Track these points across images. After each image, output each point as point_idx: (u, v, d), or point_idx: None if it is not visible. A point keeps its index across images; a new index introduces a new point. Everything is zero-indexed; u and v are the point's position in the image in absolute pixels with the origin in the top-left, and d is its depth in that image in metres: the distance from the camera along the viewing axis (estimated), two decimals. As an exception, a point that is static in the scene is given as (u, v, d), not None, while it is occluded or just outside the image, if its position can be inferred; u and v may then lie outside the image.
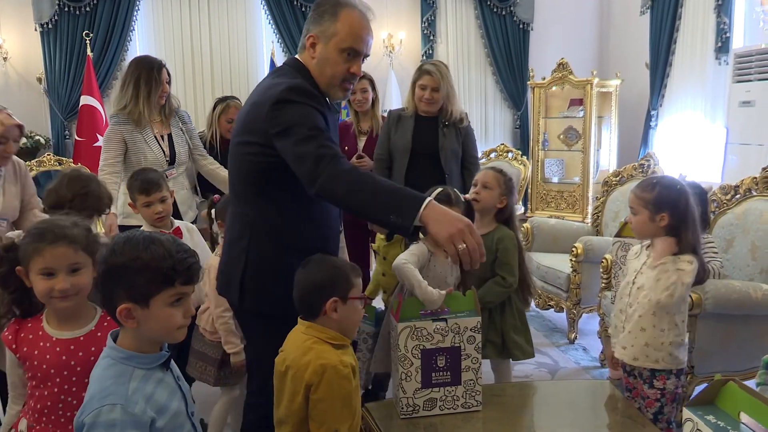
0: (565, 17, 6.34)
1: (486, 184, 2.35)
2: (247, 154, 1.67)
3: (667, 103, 5.39)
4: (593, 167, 5.63)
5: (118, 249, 1.20)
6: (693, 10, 5.01)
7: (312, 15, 1.73)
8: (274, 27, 5.84)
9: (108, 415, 1.12)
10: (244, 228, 1.74)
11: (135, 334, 1.22)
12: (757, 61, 4.12)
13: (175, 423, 1.22)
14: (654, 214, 1.96)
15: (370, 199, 1.51)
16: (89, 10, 5.51)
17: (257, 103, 1.68)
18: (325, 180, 1.51)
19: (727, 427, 1.10)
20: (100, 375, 1.20)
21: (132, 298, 1.18)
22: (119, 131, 3.01)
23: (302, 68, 1.74)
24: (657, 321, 1.94)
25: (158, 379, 1.22)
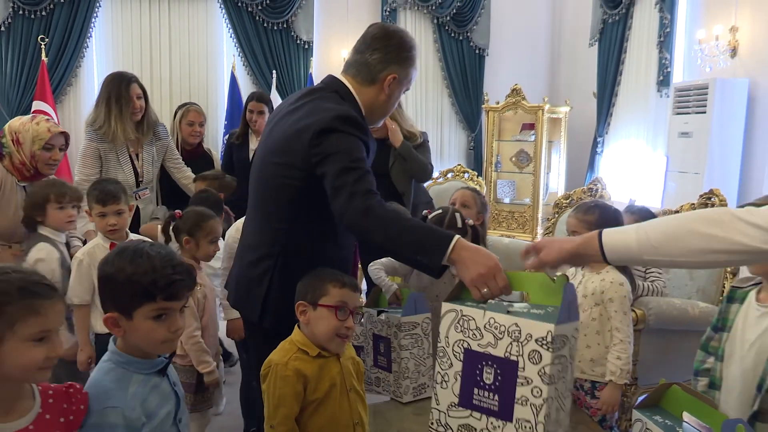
0: (519, 45, 6.61)
1: (465, 202, 2.48)
2: (285, 176, 1.68)
3: (613, 131, 5.69)
4: (543, 189, 5.86)
5: (110, 259, 1.23)
6: (637, 44, 5.33)
7: (397, 54, 1.73)
8: (236, 40, 5.87)
9: (108, 417, 1.15)
10: (273, 247, 1.70)
11: (127, 341, 1.24)
12: (695, 96, 4.42)
13: (161, 429, 1.24)
14: None
15: (396, 238, 1.50)
16: (45, 14, 5.40)
17: (301, 127, 1.66)
18: (355, 216, 1.52)
19: (673, 425, 1.23)
20: (102, 378, 1.22)
21: (117, 308, 1.21)
22: (95, 147, 3.00)
23: (348, 93, 1.74)
24: (600, 338, 2.09)
25: (154, 385, 1.25)
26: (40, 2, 5.35)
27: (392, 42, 1.74)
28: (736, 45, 4.34)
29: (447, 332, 1.35)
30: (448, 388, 1.35)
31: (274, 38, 5.93)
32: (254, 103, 3.82)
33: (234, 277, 1.86)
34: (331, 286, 1.53)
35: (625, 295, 2.07)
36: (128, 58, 5.72)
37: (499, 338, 1.27)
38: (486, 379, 1.29)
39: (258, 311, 1.71)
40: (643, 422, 1.28)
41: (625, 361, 2.03)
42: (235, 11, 5.81)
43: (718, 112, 4.27)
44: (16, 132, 2.47)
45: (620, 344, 2.04)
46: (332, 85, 1.77)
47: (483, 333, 1.30)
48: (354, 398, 1.56)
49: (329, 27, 6.16)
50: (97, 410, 1.16)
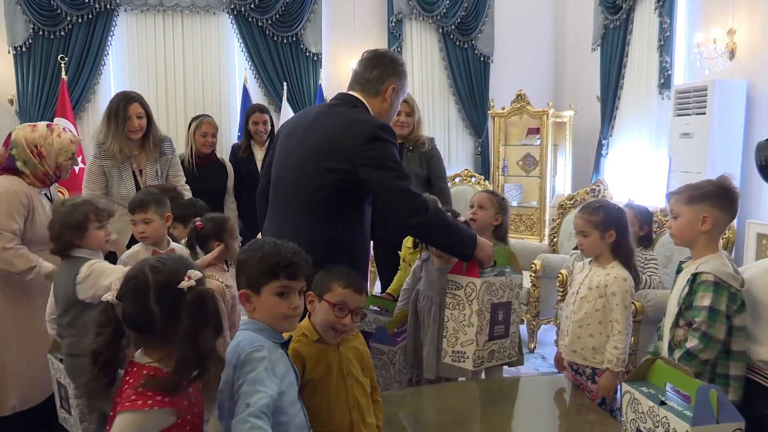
0: (522, 52, 6.75)
1: (482, 204, 2.61)
2: (331, 179, 1.94)
3: (617, 133, 5.80)
4: (549, 192, 5.98)
5: (246, 248, 1.54)
6: (638, 48, 5.45)
7: (392, 68, 2.09)
8: (247, 55, 6.05)
9: (259, 352, 1.38)
10: (316, 243, 1.86)
11: (257, 316, 1.48)
12: (695, 97, 4.53)
13: (291, 396, 1.45)
14: (603, 233, 2.24)
15: (448, 234, 2.01)
16: (64, 34, 5.62)
17: (344, 134, 1.94)
18: (425, 216, 1.91)
19: (657, 394, 1.35)
20: (244, 336, 1.45)
21: (249, 285, 1.48)
22: (100, 164, 3.09)
23: (364, 106, 2.06)
24: (602, 328, 2.21)
25: (280, 355, 1.47)
26: (59, 23, 5.57)
27: (385, 60, 2.11)
28: (734, 47, 4.45)
29: (482, 296, 1.80)
30: (483, 334, 1.85)
31: (284, 51, 6.11)
32: (258, 114, 4.11)
33: None
34: (336, 284, 1.69)
35: (627, 290, 2.20)
36: (144, 73, 5.93)
37: (504, 291, 1.65)
38: (500, 317, 1.65)
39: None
40: (632, 393, 1.41)
41: (621, 351, 2.15)
42: (246, 26, 6.00)
43: (718, 112, 4.37)
44: (36, 145, 2.48)
45: (618, 335, 2.17)
46: (349, 99, 2.06)
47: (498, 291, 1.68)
48: (351, 383, 1.69)
49: (337, 39, 6.34)
50: (248, 351, 1.37)
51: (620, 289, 2.18)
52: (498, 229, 2.64)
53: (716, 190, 1.90)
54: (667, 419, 1.28)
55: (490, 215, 2.61)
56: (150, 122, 3.20)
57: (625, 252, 2.25)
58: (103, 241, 2.24)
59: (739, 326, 1.81)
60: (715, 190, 1.90)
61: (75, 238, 2.16)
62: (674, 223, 1.97)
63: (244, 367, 1.36)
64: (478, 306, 2.07)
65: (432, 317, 2.42)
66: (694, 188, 1.94)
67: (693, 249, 1.97)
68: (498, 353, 2.20)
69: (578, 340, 2.24)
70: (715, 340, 1.76)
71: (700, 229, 1.89)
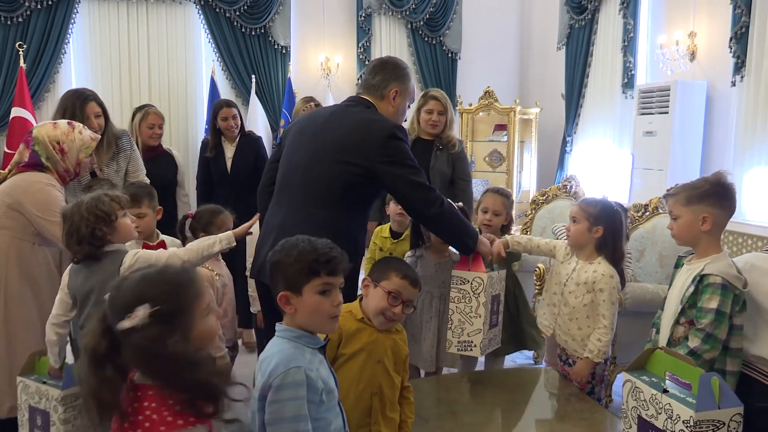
0: (489, 49, 6.85)
1: (496, 211, 2.63)
2: (348, 173, 2.02)
3: (581, 131, 5.96)
4: (516, 187, 6.10)
5: (277, 248, 1.46)
6: (603, 48, 5.61)
7: (393, 73, 2.21)
8: (214, 46, 5.95)
9: (295, 375, 1.31)
10: (325, 232, 1.86)
11: (293, 320, 1.42)
12: (658, 97, 4.70)
13: (331, 401, 1.40)
14: (592, 225, 2.30)
15: (458, 227, 2.15)
16: (22, 21, 5.41)
17: (363, 132, 2.04)
18: (440, 209, 2.06)
19: (659, 382, 1.42)
20: (280, 349, 1.38)
21: (287, 286, 1.41)
22: None
23: (375, 107, 2.17)
24: (590, 322, 2.29)
25: (320, 360, 1.43)
26: (17, 8, 5.36)
27: (388, 65, 2.23)
28: (695, 49, 4.64)
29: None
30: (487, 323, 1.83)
31: (252, 43, 6.04)
32: (227, 109, 3.90)
33: None
34: (394, 274, 1.77)
35: (614, 286, 2.26)
36: (106, 64, 5.76)
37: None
38: (495, 308, 1.66)
39: None
40: (633, 382, 1.48)
41: (604, 344, 2.23)
42: (213, 17, 5.90)
43: (680, 112, 4.55)
44: (59, 142, 2.47)
45: (604, 329, 2.24)
46: (362, 101, 2.18)
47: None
48: (379, 371, 1.73)
49: (306, 32, 6.30)
50: (282, 372, 1.31)
51: (608, 286, 2.25)
52: (505, 227, 2.70)
53: (713, 188, 1.89)
54: (670, 406, 1.34)
55: (503, 219, 2.67)
56: (107, 120, 3.07)
57: (613, 251, 2.29)
58: (132, 228, 2.14)
59: (738, 325, 1.84)
60: (712, 189, 1.89)
61: (107, 232, 2.04)
62: (674, 225, 1.97)
63: (280, 390, 1.31)
64: (485, 298, 2.22)
65: (434, 311, 2.47)
66: (691, 188, 1.93)
67: (696, 248, 1.97)
68: (493, 341, 2.36)
69: (567, 332, 2.32)
70: (718, 340, 1.79)
71: (700, 229, 1.89)
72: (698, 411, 1.27)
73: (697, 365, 1.55)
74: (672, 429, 1.35)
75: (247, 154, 3.94)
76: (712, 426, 1.27)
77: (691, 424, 1.28)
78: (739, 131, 4.20)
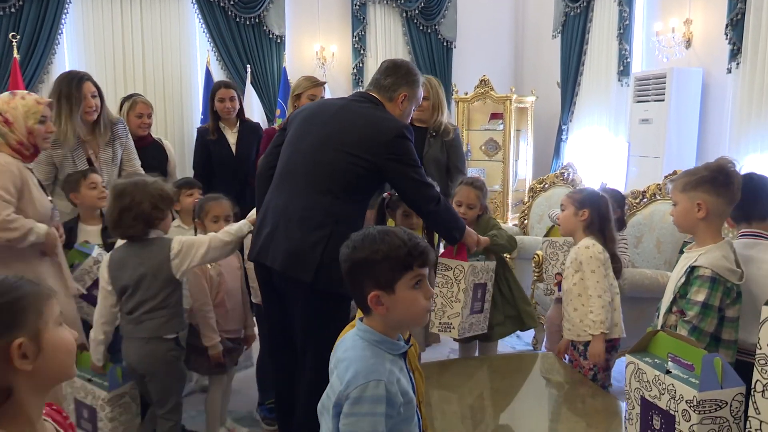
0: (485, 37, 6.84)
1: (470, 204, 2.71)
2: (354, 164, 2.10)
3: (576, 119, 5.97)
4: (512, 176, 6.11)
5: (358, 245, 1.34)
6: (598, 36, 5.61)
7: (405, 78, 2.29)
8: (209, 36, 5.92)
9: (375, 390, 1.23)
10: (327, 218, 2.05)
11: (383, 321, 1.32)
12: (654, 84, 4.71)
13: (410, 411, 1.31)
14: (577, 209, 2.39)
15: (451, 222, 2.31)
16: (15, 11, 5.35)
17: (373, 128, 2.14)
18: (438, 206, 2.19)
19: (662, 363, 1.44)
20: (360, 354, 1.30)
21: (379, 285, 1.30)
22: (49, 154, 2.83)
23: (383, 106, 2.27)
24: (584, 300, 2.31)
25: (400, 368, 1.33)
26: (9, -2, 5.31)
27: (401, 70, 2.31)
28: (691, 36, 4.65)
29: (468, 277, 1.87)
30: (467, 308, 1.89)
31: (246, 33, 6.01)
32: (224, 90, 3.73)
33: (282, 245, 2.07)
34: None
35: (592, 255, 2.30)
36: (100, 54, 5.71)
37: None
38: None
39: (312, 274, 1.99)
40: (636, 363, 1.50)
41: (596, 314, 2.25)
42: (207, 6, 5.86)
43: (675, 99, 4.56)
44: (1, 112, 2.28)
45: (591, 300, 2.27)
46: (371, 99, 2.28)
47: (479, 273, 1.81)
48: (418, 378, 1.63)
49: (300, 21, 6.27)
50: (361, 385, 1.23)
51: (585, 256, 2.30)
52: (481, 215, 2.75)
53: (710, 175, 1.86)
54: (673, 386, 1.36)
55: (476, 209, 2.73)
56: (102, 102, 3.01)
57: (602, 233, 2.36)
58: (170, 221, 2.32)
59: (731, 317, 1.80)
60: (709, 176, 1.86)
61: (163, 216, 2.18)
62: (674, 211, 1.97)
63: (358, 404, 1.23)
64: (465, 285, 2.40)
65: None
66: (688, 175, 1.92)
67: (695, 236, 1.96)
68: (475, 326, 2.54)
69: (568, 318, 2.34)
70: (705, 333, 1.76)
71: (696, 217, 1.86)
72: (701, 391, 1.29)
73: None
74: (675, 409, 1.37)
75: (251, 141, 3.83)
76: (715, 405, 1.29)
77: (694, 403, 1.30)
78: (735, 118, 4.22)
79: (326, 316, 2.03)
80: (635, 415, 1.51)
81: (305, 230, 2.05)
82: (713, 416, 1.31)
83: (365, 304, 1.32)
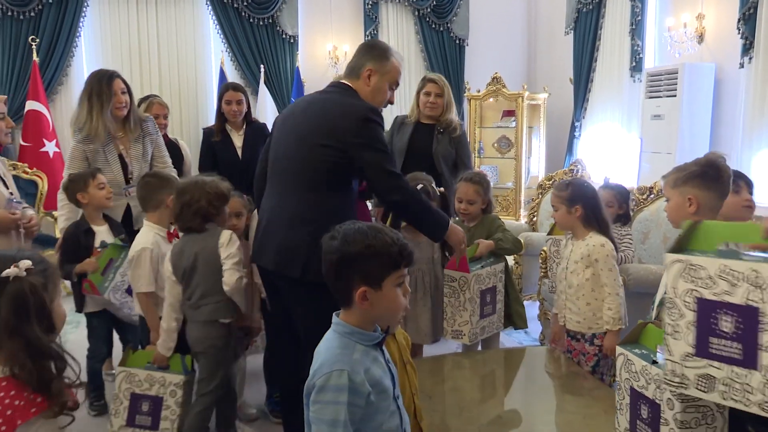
0: (497, 35, 6.84)
1: (470, 200, 2.75)
2: (330, 156, 2.08)
3: (589, 115, 5.95)
4: (524, 173, 6.11)
5: (350, 239, 1.34)
6: (611, 32, 5.58)
7: (368, 53, 2.22)
8: (223, 37, 6.01)
9: (337, 379, 1.26)
10: (314, 214, 2.06)
11: (363, 315, 1.35)
12: (666, 80, 4.68)
13: (384, 401, 1.34)
14: (569, 207, 2.40)
15: (423, 215, 2.20)
16: (34, 15, 5.49)
17: (339, 115, 2.09)
18: (402, 197, 2.10)
19: (648, 354, 1.46)
20: (328, 346, 1.35)
21: (367, 281, 1.32)
22: (82, 149, 2.97)
23: (355, 93, 2.19)
24: (597, 294, 2.34)
25: (374, 358, 1.35)
26: (29, 3, 5.44)
27: (364, 46, 2.30)
28: (703, 32, 4.61)
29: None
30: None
31: (260, 33, 6.08)
32: (231, 92, 3.65)
33: (273, 244, 2.13)
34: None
35: (608, 254, 2.33)
36: (117, 56, 5.83)
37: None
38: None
39: (300, 269, 2.02)
40: (625, 354, 1.52)
41: (615, 311, 2.30)
42: (221, 7, 5.95)
43: (688, 95, 4.53)
44: None
45: (609, 297, 2.32)
46: (341, 86, 2.23)
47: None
48: (410, 371, 1.71)
49: (313, 21, 6.33)
50: (325, 374, 1.27)
51: (601, 255, 2.32)
52: (486, 209, 2.78)
53: (700, 170, 1.85)
54: (658, 376, 1.39)
55: (479, 204, 2.76)
56: (131, 99, 3.10)
57: (599, 223, 2.38)
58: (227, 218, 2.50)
59: None
60: (699, 171, 1.85)
61: (218, 212, 2.38)
62: (667, 207, 1.97)
63: (321, 392, 1.27)
64: (470, 295, 2.48)
65: (426, 286, 2.65)
66: (678, 170, 1.92)
67: None
68: (488, 328, 2.61)
69: (579, 312, 2.37)
70: None
71: (688, 212, 1.84)
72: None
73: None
74: (660, 398, 1.39)
75: (258, 142, 3.69)
76: (698, 394, 1.31)
77: (677, 392, 1.32)
78: (748, 113, 4.18)
79: (323, 309, 2.04)
80: (625, 405, 1.53)
81: (293, 228, 2.08)
82: (697, 405, 1.33)
83: (348, 298, 1.34)
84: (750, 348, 1.20)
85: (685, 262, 1.31)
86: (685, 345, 1.30)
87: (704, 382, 1.27)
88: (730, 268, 1.24)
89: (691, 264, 1.30)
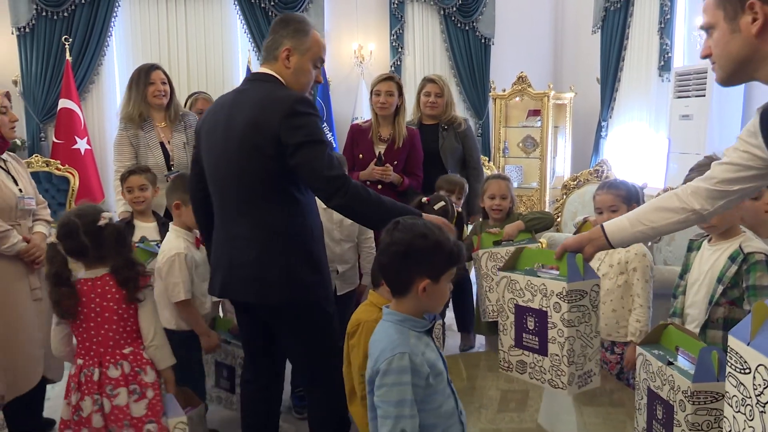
0: (523, 34, 6.79)
1: (503, 195, 2.83)
2: (266, 164, 1.84)
3: (616, 115, 5.88)
4: (550, 173, 6.07)
5: (419, 233, 1.39)
6: (639, 31, 5.51)
7: (283, 30, 1.94)
8: (250, 36, 6.08)
9: (399, 361, 1.33)
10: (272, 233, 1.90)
11: (414, 304, 1.42)
12: (695, 80, 4.61)
13: (440, 384, 1.41)
14: (629, 207, 2.31)
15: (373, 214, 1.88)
16: (67, 15, 5.63)
17: (263, 114, 1.83)
18: (345, 199, 1.82)
19: (666, 355, 1.46)
20: (385, 333, 1.41)
21: (430, 274, 1.39)
22: (125, 135, 3.16)
23: (276, 79, 1.93)
24: (625, 303, 2.32)
25: (426, 343, 1.42)
26: (62, 3, 5.58)
27: (279, 21, 1.98)
28: (733, 30, 4.52)
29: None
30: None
31: (286, 33, 6.13)
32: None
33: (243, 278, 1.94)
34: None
35: (648, 265, 2.29)
36: (147, 54, 5.93)
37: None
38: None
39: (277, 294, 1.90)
40: (644, 355, 1.52)
41: (643, 323, 2.26)
42: (249, 7, 6.02)
43: (717, 95, 4.45)
44: None
45: (640, 308, 2.27)
46: (258, 77, 1.97)
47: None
48: None
49: (339, 21, 6.37)
50: (387, 359, 1.33)
51: (641, 265, 2.28)
52: (511, 208, 2.82)
53: None
54: (672, 377, 1.39)
55: (509, 200, 2.84)
56: (172, 90, 3.27)
57: None
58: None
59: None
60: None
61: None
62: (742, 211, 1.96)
63: (386, 376, 1.33)
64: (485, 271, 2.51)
65: None
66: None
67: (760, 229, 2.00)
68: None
69: (602, 316, 2.34)
70: None
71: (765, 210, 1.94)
72: (695, 382, 1.32)
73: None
74: (674, 399, 1.39)
75: None
76: (711, 397, 1.31)
77: (688, 394, 1.33)
78: (779, 113, 4.09)
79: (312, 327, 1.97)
80: (643, 405, 1.53)
81: (257, 253, 1.90)
82: (708, 407, 1.32)
83: (405, 288, 1.40)
84: (543, 340, 1.66)
85: (508, 278, 1.74)
86: (509, 339, 1.76)
87: (521, 367, 1.74)
88: (531, 282, 1.69)
89: (511, 279, 1.74)
